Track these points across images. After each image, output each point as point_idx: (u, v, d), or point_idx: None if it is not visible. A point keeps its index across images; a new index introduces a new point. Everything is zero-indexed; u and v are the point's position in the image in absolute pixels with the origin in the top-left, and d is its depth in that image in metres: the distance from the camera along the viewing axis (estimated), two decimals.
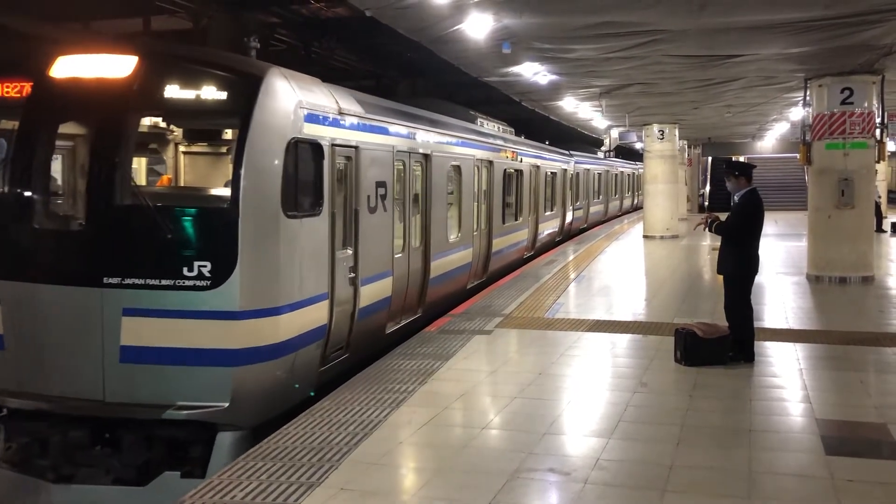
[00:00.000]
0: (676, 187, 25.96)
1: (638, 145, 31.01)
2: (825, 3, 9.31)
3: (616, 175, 36.04)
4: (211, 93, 6.69)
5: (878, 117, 14.14)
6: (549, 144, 23.26)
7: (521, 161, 16.89)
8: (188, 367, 6.41)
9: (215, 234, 6.55)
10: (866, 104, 13.81)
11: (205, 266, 6.37)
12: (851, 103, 13.72)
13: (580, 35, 10.84)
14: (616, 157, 37.50)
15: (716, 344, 8.09)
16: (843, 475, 5.21)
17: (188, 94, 6.71)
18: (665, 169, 24.47)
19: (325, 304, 7.50)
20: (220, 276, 6.38)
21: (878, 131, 14.09)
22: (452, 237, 12.02)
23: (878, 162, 14.54)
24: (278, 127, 6.80)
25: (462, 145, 12.53)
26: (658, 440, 5.91)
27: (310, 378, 7.46)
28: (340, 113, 7.95)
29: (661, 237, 23.60)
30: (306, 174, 7.24)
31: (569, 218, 24.16)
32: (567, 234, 23.98)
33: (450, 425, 6.40)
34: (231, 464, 5.50)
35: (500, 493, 4.94)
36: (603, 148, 31.96)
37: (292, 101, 7.02)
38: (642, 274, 16.77)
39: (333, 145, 7.68)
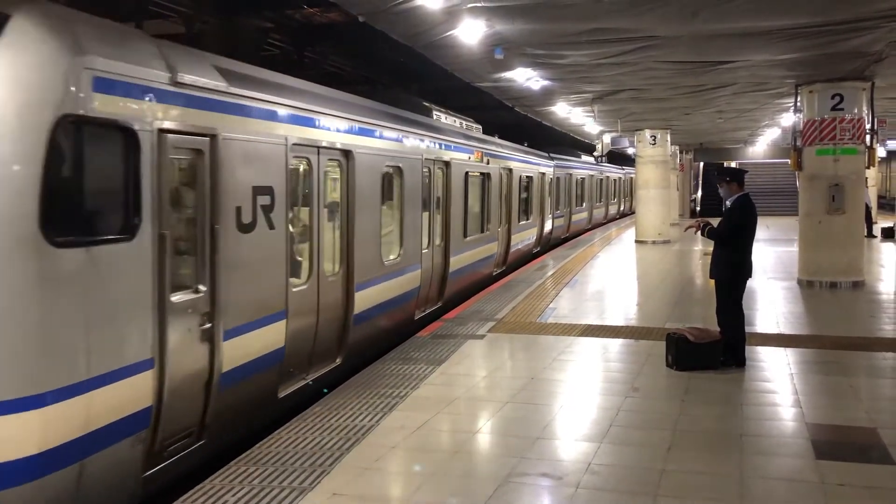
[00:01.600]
0: (668, 192, 26.04)
1: (630, 150, 30.99)
2: (815, 10, 9.37)
3: (602, 180, 34.59)
4: None
5: (868, 123, 14.24)
6: (528, 146, 21.68)
7: (488, 163, 14.98)
8: None
9: None
10: (856, 110, 13.89)
11: None
12: (842, 109, 13.80)
13: (572, 41, 10.88)
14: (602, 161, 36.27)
15: (707, 349, 8.12)
16: (833, 479, 5.24)
17: None
18: (657, 174, 24.56)
19: (147, 375, 5.15)
20: None
21: (868, 137, 14.18)
22: (391, 257, 9.80)
23: (868, 168, 14.64)
24: (33, 97, 4.45)
25: (405, 141, 10.31)
26: (650, 445, 5.93)
27: (125, 489, 5.12)
28: (177, 83, 5.47)
29: (654, 242, 23.67)
30: (102, 175, 4.92)
31: (548, 227, 22.44)
32: (546, 245, 22.41)
33: (442, 430, 6.40)
34: (223, 468, 5.48)
35: (492, 497, 4.95)
36: (595, 153, 31.26)
37: (65, 56, 4.58)
38: (634, 279, 16.80)
39: (163, 131, 5.29)
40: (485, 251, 14.92)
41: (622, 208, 42.18)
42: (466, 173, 13.40)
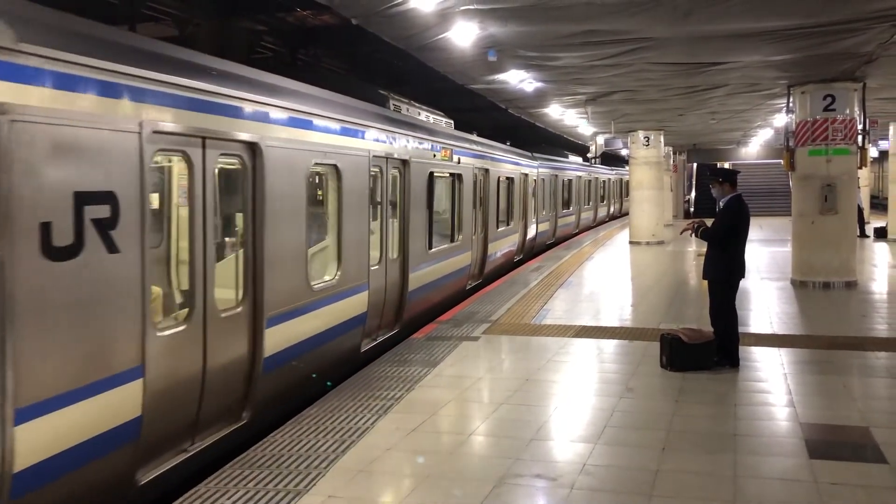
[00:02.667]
0: (662, 193, 26.11)
1: (623, 152, 31.00)
2: (807, 12, 9.41)
3: (590, 181, 33.02)
4: None
5: (860, 124, 14.31)
6: (511, 145, 20.63)
7: (459, 162, 13.18)
8: None
9: None
10: (848, 111, 13.96)
11: None
12: (834, 110, 13.87)
13: (565, 43, 10.91)
14: (588, 161, 34.36)
15: (701, 349, 8.15)
16: (826, 478, 5.26)
17: None
18: (650, 175, 24.62)
19: None
20: None
21: (860, 138, 14.25)
22: (325, 279, 7.99)
23: (860, 168, 14.70)
24: None
25: (343, 134, 8.30)
26: (644, 445, 5.94)
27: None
28: None
29: (647, 243, 23.73)
30: None
31: (531, 233, 20.82)
32: (529, 252, 20.96)
33: (437, 432, 6.41)
34: (219, 471, 5.48)
35: (487, 498, 4.96)
36: (589, 154, 30.93)
37: None
38: (628, 280, 16.84)
39: None
40: (455, 263, 13.06)
41: (612, 210, 40.95)
42: (431, 174, 11.60)
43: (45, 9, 4.71)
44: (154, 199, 5.64)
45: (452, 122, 14.74)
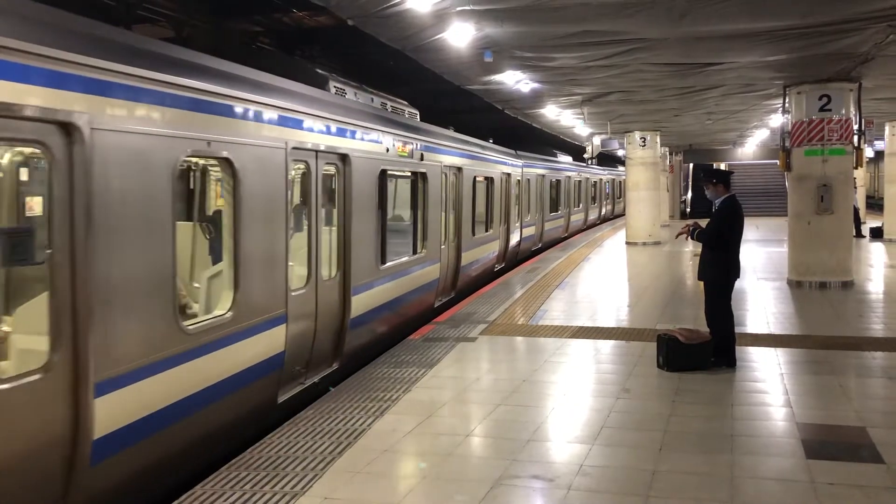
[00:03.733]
0: (658, 194, 26.14)
1: (620, 152, 30.96)
2: (803, 12, 9.43)
3: (580, 182, 31.29)
4: None
5: (856, 124, 14.33)
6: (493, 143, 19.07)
7: (422, 159, 11.30)
8: None
9: None
10: (844, 111, 13.98)
11: None
12: (829, 110, 13.89)
13: (561, 44, 10.92)
14: (578, 160, 32.64)
15: (698, 349, 8.15)
16: (823, 479, 5.26)
17: None
18: (647, 176, 24.65)
19: None
20: None
21: (855, 138, 14.27)
22: (213, 316, 6.17)
23: (856, 168, 14.73)
24: None
25: (243, 117, 6.36)
26: (641, 446, 5.94)
27: None
28: None
29: (644, 244, 23.75)
30: None
31: (514, 239, 19.13)
32: (513, 260, 19.27)
33: (434, 433, 6.40)
34: (214, 474, 5.47)
35: (483, 499, 4.96)
36: (585, 155, 29.82)
37: None
38: (625, 280, 16.84)
39: None
40: (420, 278, 11.22)
41: (604, 212, 39.30)
42: (383, 172, 9.76)
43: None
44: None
45: (417, 112, 12.74)
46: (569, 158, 30.45)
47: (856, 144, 14.28)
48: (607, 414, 6.76)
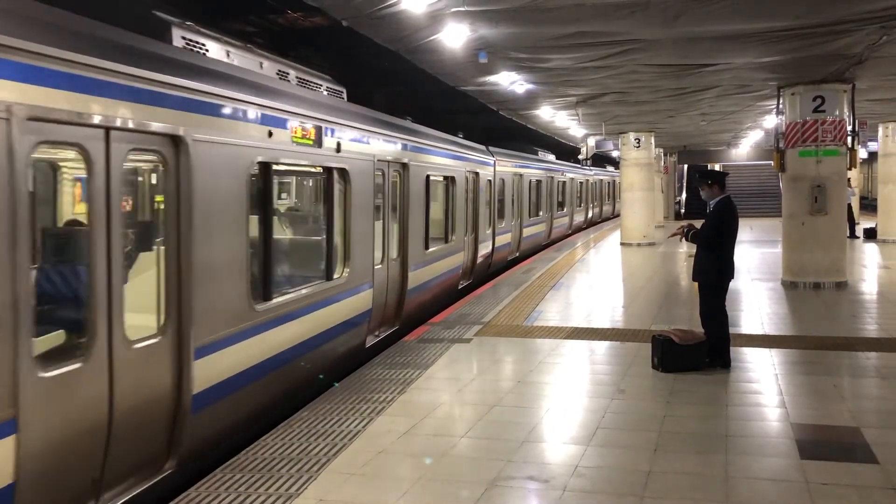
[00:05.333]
0: (653, 195, 26.19)
1: (615, 153, 30.96)
2: (796, 13, 9.45)
3: (564, 182, 28.62)
4: None
5: (850, 125, 14.38)
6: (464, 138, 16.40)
7: (338, 150, 8.44)
8: None
9: None
10: (838, 112, 14.03)
11: None
12: (823, 111, 13.94)
13: (555, 45, 10.92)
14: (561, 159, 30.22)
15: (692, 350, 8.16)
16: (817, 479, 5.27)
17: None
18: (641, 177, 24.71)
19: None
20: None
21: (849, 139, 14.32)
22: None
23: (850, 169, 14.78)
24: None
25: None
26: (636, 446, 5.95)
27: None
28: None
29: (639, 244, 23.79)
30: None
31: (484, 249, 16.46)
32: (483, 273, 16.58)
33: (429, 434, 6.40)
34: (209, 476, 5.45)
35: (479, 501, 4.95)
36: (580, 156, 28.87)
37: None
38: (620, 281, 16.86)
39: None
40: (338, 314, 8.42)
41: (591, 215, 36.47)
42: (266, 168, 6.95)
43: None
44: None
45: (344, 90, 9.84)
46: (552, 156, 27.97)
47: (849, 145, 14.34)
48: (602, 415, 6.76)
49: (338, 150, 8.48)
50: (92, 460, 4.76)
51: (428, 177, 12.21)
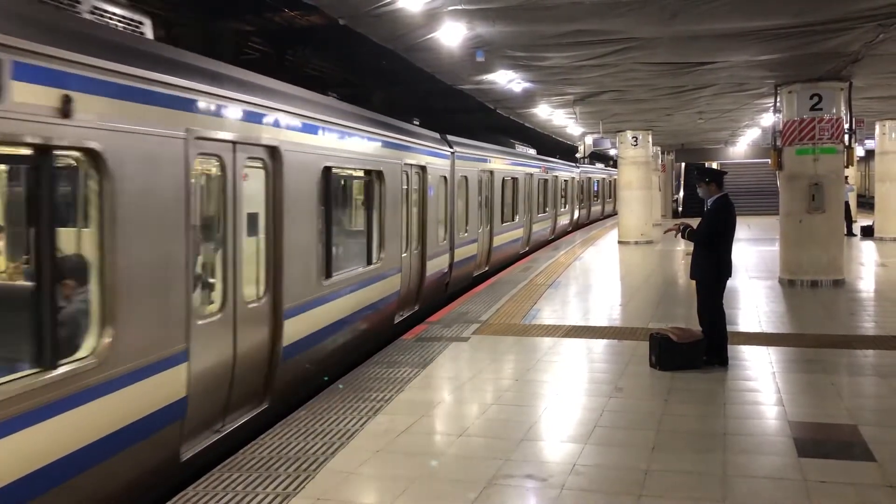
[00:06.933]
0: (650, 193, 26.20)
1: (612, 152, 30.91)
2: (793, 11, 9.45)
3: (547, 180, 25.18)
4: None
5: (847, 123, 14.39)
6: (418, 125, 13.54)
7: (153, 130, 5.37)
8: None
9: None
10: (835, 110, 14.03)
11: None
12: (820, 109, 13.95)
13: (553, 43, 10.92)
14: (542, 154, 26.73)
15: (690, 348, 8.16)
16: (815, 476, 5.28)
17: None
18: (639, 175, 24.72)
19: None
20: None
21: (846, 137, 14.32)
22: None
23: (847, 167, 14.78)
24: None
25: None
26: (634, 445, 5.95)
27: None
28: None
29: (636, 243, 23.80)
30: None
31: (437, 267, 13.13)
32: (437, 297, 13.27)
33: (427, 433, 6.40)
34: (207, 475, 5.45)
35: (476, 500, 4.95)
36: (577, 154, 27.50)
37: None
38: (617, 279, 16.87)
39: None
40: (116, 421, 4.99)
41: (577, 217, 33.31)
42: None
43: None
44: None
45: (147, 21, 6.30)
46: (531, 151, 24.85)
47: (847, 143, 14.34)
48: (600, 413, 6.76)
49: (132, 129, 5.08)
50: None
51: (326, 170, 8.36)
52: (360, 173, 10.15)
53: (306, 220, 7.87)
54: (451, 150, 14.63)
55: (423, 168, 12.52)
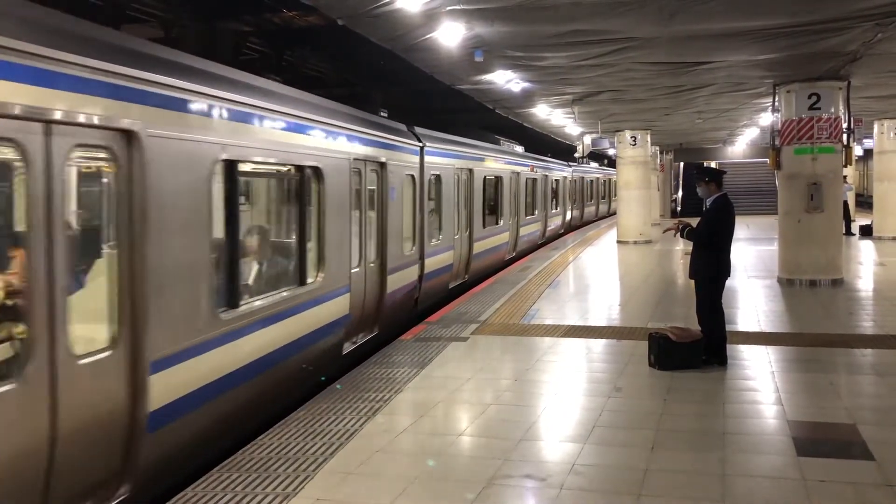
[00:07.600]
0: (649, 193, 26.20)
1: (611, 151, 30.87)
2: (792, 11, 9.46)
3: (535, 180, 23.23)
4: None
5: (845, 122, 14.39)
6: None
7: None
8: None
9: None
10: (833, 110, 14.04)
11: None
12: (819, 109, 13.96)
13: (551, 43, 10.92)
14: (531, 152, 24.94)
15: (689, 348, 8.17)
16: (814, 476, 5.28)
17: None
18: (638, 175, 24.73)
19: None
20: None
21: (845, 136, 14.33)
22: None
23: (845, 166, 14.79)
24: None
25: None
26: (633, 444, 5.95)
27: None
28: None
29: (635, 242, 23.81)
30: None
31: (404, 281, 11.47)
32: (405, 315, 11.69)
33: (426, 433, 6.40)
34: (205, 476, 5.45)
35: (476, 500, 4.95)
36: (576, 154, 26.77)
37: None
38: (616, 279, 16.87)
39: None
40: None
41: (569, 218, 31.41)
42: None
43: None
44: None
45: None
46: (519, 148, 22.98)
47: (845, 143, 14.35)
48: (599, 413, 6.76)
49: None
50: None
51: (229, 164, 6.44)
52: (287, 169, 7.94)
53: (191, 232, 5.76)
54: (420, 144, 12.67)
55: (381, 165, 10.47)
